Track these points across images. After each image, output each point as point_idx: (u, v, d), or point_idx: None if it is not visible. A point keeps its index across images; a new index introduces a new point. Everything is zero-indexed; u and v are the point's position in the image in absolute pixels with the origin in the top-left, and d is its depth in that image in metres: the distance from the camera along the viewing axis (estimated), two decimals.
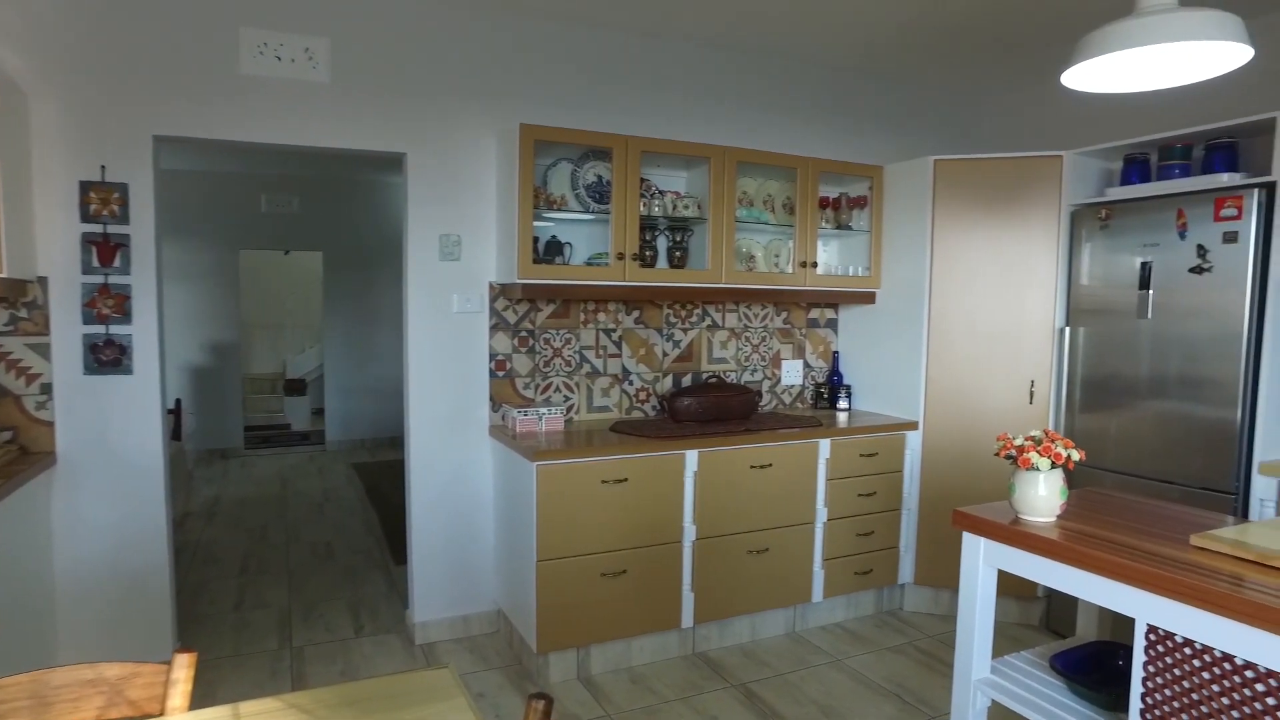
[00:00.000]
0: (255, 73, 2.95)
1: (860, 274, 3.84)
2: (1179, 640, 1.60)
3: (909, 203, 3.66)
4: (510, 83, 3.37)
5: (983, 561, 2.02)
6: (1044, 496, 1.92)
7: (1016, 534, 1.91)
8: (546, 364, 3.50)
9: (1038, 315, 3.44)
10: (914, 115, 4.32)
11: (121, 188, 2.80)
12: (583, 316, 3.55)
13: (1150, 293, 3.07)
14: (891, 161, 4.12)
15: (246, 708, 1.28)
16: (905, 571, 3.71)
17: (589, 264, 3.39)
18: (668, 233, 3.54)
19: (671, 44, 3.66)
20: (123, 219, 2.81)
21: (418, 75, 3.21)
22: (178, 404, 5.77)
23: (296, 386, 9.24)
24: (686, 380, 3.79)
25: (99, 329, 2.82)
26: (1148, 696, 1.66)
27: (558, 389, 3.53)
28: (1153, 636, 1.65)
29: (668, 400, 3.44)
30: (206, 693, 2.91)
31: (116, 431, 2.89)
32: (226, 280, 7.45)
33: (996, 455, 2.00)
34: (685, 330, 3.77)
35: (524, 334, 3.45)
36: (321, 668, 3.15)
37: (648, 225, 3.45)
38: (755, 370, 3.97)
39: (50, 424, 2.81)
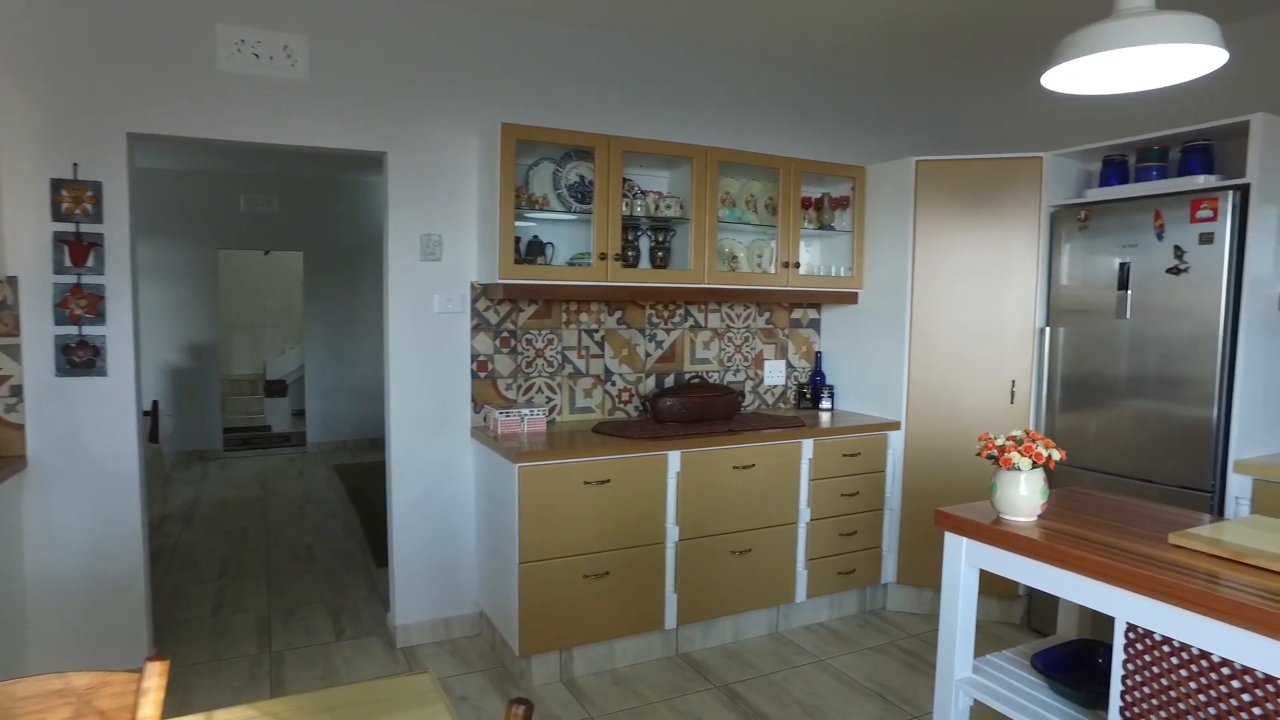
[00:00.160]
0: (232, 70, 2.91)
1: (842, 274, 3.85)
2: (1157, 638, 1.61)
3: (891, 203, 3.68)
4: (492, 82, 3.34)
5: (964, 562, 2.03)
6: (1025, 496, 1.93)
7: (998, 534, 1.92)
8: (529, 365, 3.48)
9: (1018, 315, 3.46)
10: (895, 116, 4.34)
11: (95, 186, 2.75)
12: (565, 317, 3.53)
13: (1129, 293, 3.09)
14: (873, 162, 4.13)
15: (221, 716, 1.25)
16: (888, 571, 3.73)
17: (571, 264, 3.38)
18: (650, 233, 3.54)
19: (654, 43, 3.66)
20: (96, 218, 2.76)
21: (398, 74, 3.18)
22: (154, 405, 5.69)
23: (277, 388, 9.15)
24: (669, 381, 3.79)
25: (71, 330, 2.77)
26: (1127, 694, 1.67)
27: (540, 390, 3.51)
28: (1132, 635, 1.66)
29: (650, 401, 3.43)
30: (183, 699, 2.87)
31: (90, 434, 2.84)
32: (205, 280, 7.36)
33: (978, 455, 2.01)
34: (668, 330, 3.76)
35: (506, 334, 3.43)
36: (301, 672, 3.12)
37: (630, 225, 3.44)
38: (738, 370, 3.97)
39: (21, 427, 2.75)
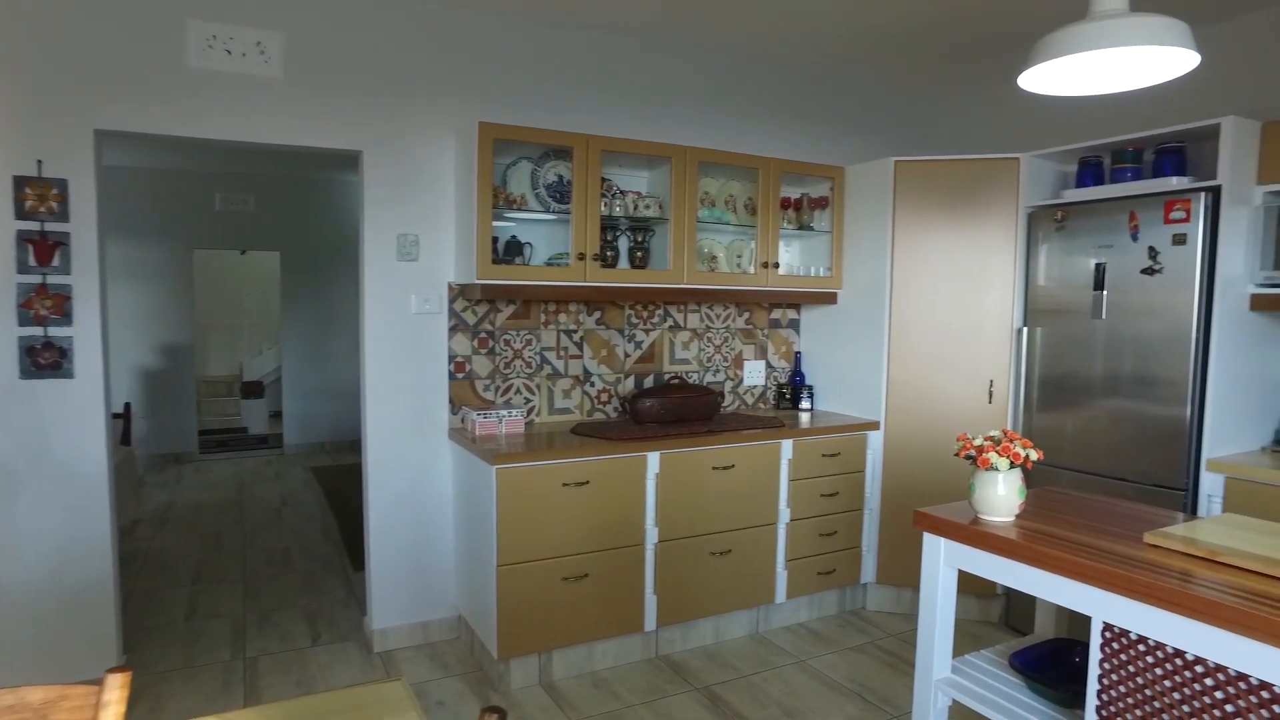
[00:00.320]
0: (204, 66, 2.86)
1: (822, 274, 3.85)
2: (1133, 638, 1.62)
3: (870, 204, 3.68)
4: (469, 80, 3.31)
5: (943, 562, 2.03)
6: (1003, 496, 1.94)
7: (976, 534, 1.92)
8: (507, 365, 3.45)
9: (996, 315, 3.48)
10: (874, 117, 4.35)
11: (60, 183, 2.69)
12: (543, 317, 3.51)
13: (1104, 293, 3.12)
14: (852, 162, 4.14)
15: None
16: (867, 571, 3.73)
17: (549, 264, 3.35)
18: (629, 233, 3.52)
19: (633, 43, 3.64)
20: (62, 216, 2.70)
21: (374, 71, 3.14)
22: (127, 407, 5.60)
23: (254, 389, 9.04)
24: (648, 381, 3.77)
25: (36, 331, 2.71)
26: (1103, 693, 1.68)
27: (518, 391, 3.48)
28: (1108, 634, 1.66)
29: (629, 401, 3.42)
30: (154, 706, 2.81)
31: (57, 438, 2.77)
32: (180, 280, 7.25)
33: (956, 455, 2.01)
34: (647, 331, 3.75)
35: (484, 335, 3.40)
36: (276, 678, 3.07)
37: (609, 225, 3.42)
38: (717, 371, 3.96)
39: None
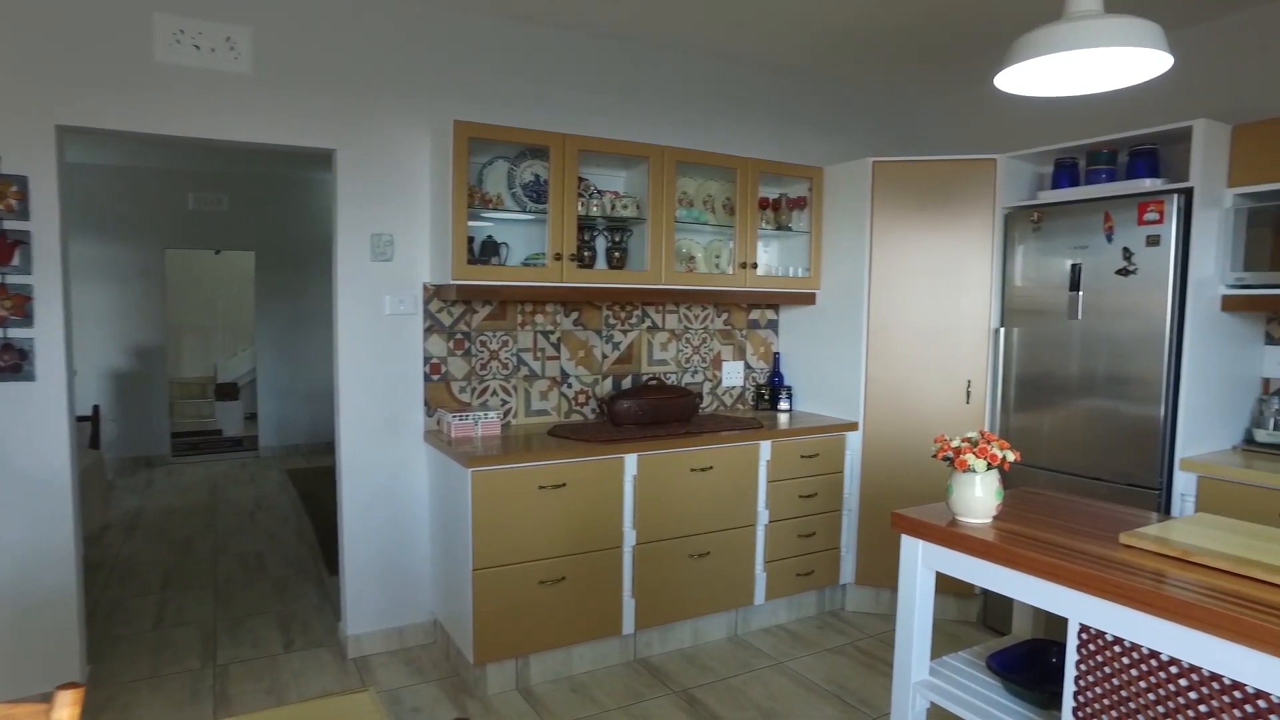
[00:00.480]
0: (171, 61, 2.80)
1: (800, 275, 3.84)
2: (1109, 639, 1.61)
3: (848, 204, 3.68)
4: (445, 78, 3.27)
5: (921, 564, 2.02)
6: (980, 498, 1.93)
7: (954, 536, 1.91)
8: (483, 367, 3.41)
9: (974, 316, 3.49)
10: (852, 117, 4.35)
11: (20, 180, 2.62)
12: (520, 318, 3.47)
13: (1080, 294, 3.14)
14: (831, 163, 4.14)
15: None
16: (846, 572, 3.73)
17: (526, 265, 3.32)
18: (606, 233, 3.49)
19: (610, 42, 3.61)
20: (22, 214, 2.62)
21: (347, 68, 3.09)
22: (95, 410, 5.48)
23: (228, 391, 8.91)
24: (626, 382, 3.75)
25: None
26: (1080, 695, 1.68)
27: (495, 392, 3.44)
28: (1084, 635, 1.66)
29: (607, 403, 3.39)
30: (120, 717, 2.74)
31: (17, 443, 2.70)
32: (152, 281, 7.12)
33: (934, 457, 2.00)
34: (625, 332, 3.72)
35: (459, 336, 3.36)
36: (247, 686, 3.01)
37: (586, 225, 3.40)
38: (696, 372, 3.94)
39: None
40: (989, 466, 1.91)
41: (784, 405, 3.98)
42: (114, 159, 6.63)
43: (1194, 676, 1.48)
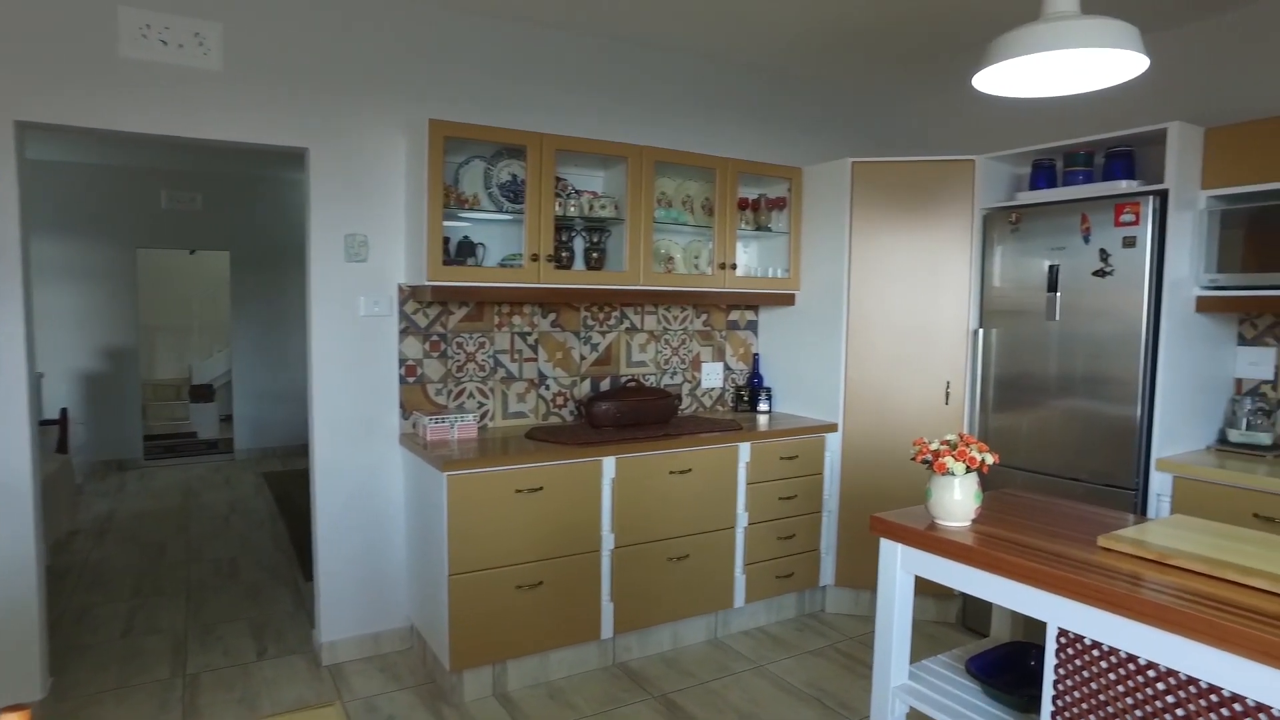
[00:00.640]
0: (137, 57, 2.73)
1: (780, 275, 3.83)
2: (1088, 643, 1.61)
3: (827, 204, 3.67)
4: (420, 76, 3.22)
5: (900, 568, 2.01)
6: (959, 501, 1.92)
7: (933, 540, 1.90)
8: (459, 369, 3.36)
9: (953, 316, 3.49)
10: (831, 118, 4.35)
11: None
12: (497, 320, 3.43)
13: (1058, 295, 3.14)
14: (810, 163, 4.13)
15: None
16: (826, 573, 3.72)
17: (503, 265, 3.28)
18: (584, 234, 3.46)
19: (588, 40, 3.58)
20: None
21: (320, 66, 3.03)
22: (63, 413, 5.37)
23: (203, 393, 8.77)
24: (605, 384, 3.71)
25: None
26: (1059, 699, 1.67)
27: (471, 395, 3.40)
28: (1063, 639, 1.65)
29: (585, 405, 3.36)
30: None
31: None
32: (124, 281, 6.99)
33: (913, 460, 1.99)
34: (603, 333, 3.69)
35: (435, 338, 3.31)
36: (218, 696, 2.94)
37: (564, 226, 3.36)
38: (675, 373, 3.92)
39: None
40: (968, 469, 1.90)
41: (763, 406, 3.96)
42: (84, 157, 6.50)
43: (1172, 680, 1.47)
